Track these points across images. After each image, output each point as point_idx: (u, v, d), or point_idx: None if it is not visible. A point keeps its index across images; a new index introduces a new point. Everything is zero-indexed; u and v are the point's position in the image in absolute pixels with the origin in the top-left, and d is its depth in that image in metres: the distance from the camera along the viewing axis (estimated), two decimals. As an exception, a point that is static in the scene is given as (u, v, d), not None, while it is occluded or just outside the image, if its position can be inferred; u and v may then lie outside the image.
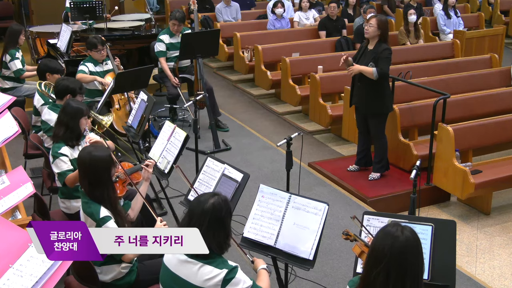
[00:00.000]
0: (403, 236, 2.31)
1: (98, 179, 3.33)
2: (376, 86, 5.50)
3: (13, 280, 2.31)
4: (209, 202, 2.70)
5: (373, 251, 2.36)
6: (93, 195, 3.33)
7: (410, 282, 2.29)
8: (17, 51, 6.92)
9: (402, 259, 2.29)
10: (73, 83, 4.99)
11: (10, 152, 4.63)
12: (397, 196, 5.68)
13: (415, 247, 2.33)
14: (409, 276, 2.29)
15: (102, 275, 3.37)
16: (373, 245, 2.38)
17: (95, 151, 3.39)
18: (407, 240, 2.31)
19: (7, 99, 4.38)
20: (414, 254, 2.32)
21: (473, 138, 5.87)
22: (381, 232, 2.38)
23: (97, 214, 3.27)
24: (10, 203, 3.17)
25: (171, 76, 7.13)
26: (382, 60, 5.41)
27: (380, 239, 2.35)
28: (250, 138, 7.21)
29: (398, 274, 2.28)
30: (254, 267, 3.06)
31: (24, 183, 3.31)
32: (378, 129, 5.75)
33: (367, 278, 2.35)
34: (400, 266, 2.29)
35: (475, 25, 11.01)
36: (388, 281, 2.28)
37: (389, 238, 2.32)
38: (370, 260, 2.36)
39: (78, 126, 4.20)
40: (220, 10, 10.29)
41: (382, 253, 2.30)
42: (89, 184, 3.33)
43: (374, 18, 5.52)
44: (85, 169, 3.37)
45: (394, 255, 2.28)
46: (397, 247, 2.29)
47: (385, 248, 2.30)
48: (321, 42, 9.07)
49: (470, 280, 4.53)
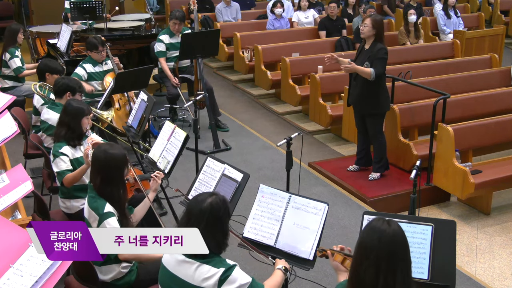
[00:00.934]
0: (391, 229, 2.33)
1: (110, 177, 3.34)
2: (371, 85, 5.51)
3: (13, 279, 2.31)
4: (207, 202, 2.70)
5: (360, 247, 2.36)
6: (102, 192, 3.34)
7: (400, 275, 2.30)
8: (17, 49, 6.93)
9: (392, 252, 2.29)
10: (72, 81, 5.03)
11: (10, 152, 4.63)
12: (397, 196, 5.68)
13: (403, 240, 2.34)
14: (400, 269, 2.30)
15: (102, 275, 3.37)
16: (360, 241, 2.38)
17: (111, 149, 3.40)
18: (395, 233, 2.32)
19: (7, 99, 4.38)
20: (402, 247, 2.33)
21: (473, 138, 5.87)
22: (367, 227, 2.39)
23: (101, 208, 3.28)
24: (9, 201, 3.17)
25: (171, 76, 7.13)
26: (377, 60, 5.42)
27: (367, 234, 2.36)
28: (250, 138, 7.21)
29: (389, 268, 2.28)
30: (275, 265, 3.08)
31: (24, 182, 3.31)
32: (375, 128, 5.75)
33: (356, 276, 2.35)
34: (390, 259, 2.29)
35: (475, 25, 11.01)
36: (378, 276, 2.28)
37: (377, 232, 2.33)
38: (358, 257, 2.35)
39: (80, 126, 4.20)
40: (220, 10, 10.28)
41: (370, 248, 2.31)
42: (101, 181, 3.34)
43: (369, 18, 5.55)
44: (99, 166, 3.38)
45: (383, 248, 2.29)
46: (386, 241, 2.30)
47: (373, 242, 2.31)
48: (321, 42, 9.07)
49: (470, 280, 4.53)
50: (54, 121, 4.82)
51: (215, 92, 7.34)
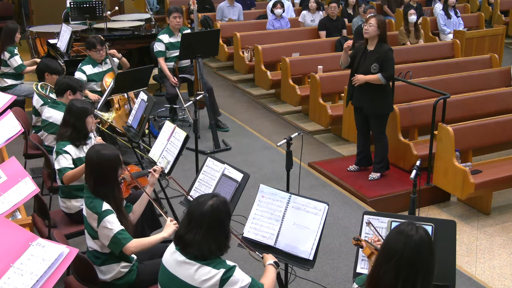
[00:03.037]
0: (417, 235, 2.31)
1: (104, 178, 3.34)
2: (380, 87, 5.51)
3: (14, 278, 2.31)
4: (208, 204, 2.69)
5: (385, 248, 2.35)
6: (97, 192, 3.34)
7: (421, 282, 2.29)
8: (15, 48, 6.93)
9: (415, 258, 2.28)
10: (73, 80, 5.08)
11: (10, 152, 4.62)
12: (397, 196, 5.68)
13: (429, 247, 2.32)
14: (421, 276, 2.29)
15: (102, 274, 3.37)
16: (386, 242, 2.37)
17: (103, 149, 3.40)
18: (421, 240, 2.31)
19: (7, 99, 4.37)
20: (427, 254, 2.31)
21: (473, 138, 5.87)
22: (395, 230, 2.38)
23: (99, 207, 3.28)
24: (12, 201, 3.15)
25: (170, 75, 7.12)
26: (387, 63, 5.40)
27: (393, 237, 2.35)
28: (250, 138, 7.21)
29: (409, 273, 2.27)
30: (263, 262, 3.08)
31: (23, 178, 3.29)
32: (380, 129, 5.75)
33: (375, 274, 2.34)
34: (412, 265, 2.28)
35: (475, 25, 11.01)
36: (397, 279, 2.28)
37: (403, 237, 2.32)
38: (381, 257, 2.35)
39: (85, 126, 4.21)
40: (222, 9, 10.27)
41: (394, 251, 2.30)
42: (95, 182, 3.34)
43: (374, 17, 5.52)
44: (92, 166, 3.38)
45: (407, 254, 2.28)
46: (411, 246, 2.29)
47: (398, 245, 2.30)
48: (321, 42, 9.07)
49: (470, 280, 4.53)
50: (55, 119, 4.84)
51: (215, 92, 7.34)
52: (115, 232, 3.25)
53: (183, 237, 2.69)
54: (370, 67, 5.45)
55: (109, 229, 3.25)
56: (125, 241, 3.26)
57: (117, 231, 3.25)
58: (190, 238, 2.66)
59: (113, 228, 3.25)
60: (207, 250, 2.65)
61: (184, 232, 2.70)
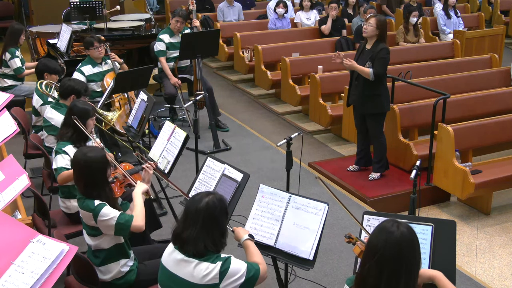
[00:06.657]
0: (398, 232, 2.31)
1: (94, 181, 3.30)
2: (372, 85, 5.51)
3: (15, 277, 2.31)
4: (203, 201, 2.71)
5: (368, 246, 2.36)
6: (88, 195, 3.31)
7: (405, 277, 2.29)
8: (17, 49, 6.94)
9: (396, 255, 2.28)
10: (78, 84, 5.02)
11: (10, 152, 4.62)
12: (397, 196, 5.68)
13: (411, 243, 2.32)
14: (404, 272, 2.29)
15: (102, 274, 3.37)
16: (369, 239, 2.38)
17: (89, 152, 3.36)
18: (402, 236, 2.31)
19: (5, 97, 4.37)
20: (409, 250, 2.31)
21: (473, 138, 5.87)
22: (377, 227, 2.39)
23: (91, 205, 3.25)
24: (8, 198, 3.15)
25: (171, 75, 7.12)
26: (378, 61, 5.42)
27: (375, 234, 2.36)
28: (250, 138, 7.21)
29: (392, 270, 2.28)
30: (236, 238, 3.07)
31: (19, 176, 3.29)
32: (376, 128, 5.75)
33: (361, 273, 2.35)
34: (394, 262, 2.28)
35: (475, 25, 11.01)
36: (381, 276, 2.28)
37: (384, 233, 2.32)
38: (365, 255, 2.36)
39: (86, 128, 4.20)
40: (222, 10, 10.27)
41: (375, 248, 2.30)
42: (85, 185, 3.31)
43: (374, 17, 5.53)
44: (80, 170, 3.34)
45: (388, 251, 2.28)
46: (391, 243, 2.29)
47: (379, 243, 2.30)
48: (321, 42, 9.07)
49: (470, 280, 4.53)
50: (56, 122, 4.80)
51: (215, 92, 7.33)
52: (116, 220, 3.23)
53: (180, 235, 2.71)
54: (364, 65, 5.48)
55: (108, 219, 3.23)
56: (129, 222, 3.25)
57: (116, 218, 3.24)
58: (186, 235, 2.68)
59: (112, 217, 3.23)
60: (202, 247, 2.66)
61: (181, 230, 2.72)
